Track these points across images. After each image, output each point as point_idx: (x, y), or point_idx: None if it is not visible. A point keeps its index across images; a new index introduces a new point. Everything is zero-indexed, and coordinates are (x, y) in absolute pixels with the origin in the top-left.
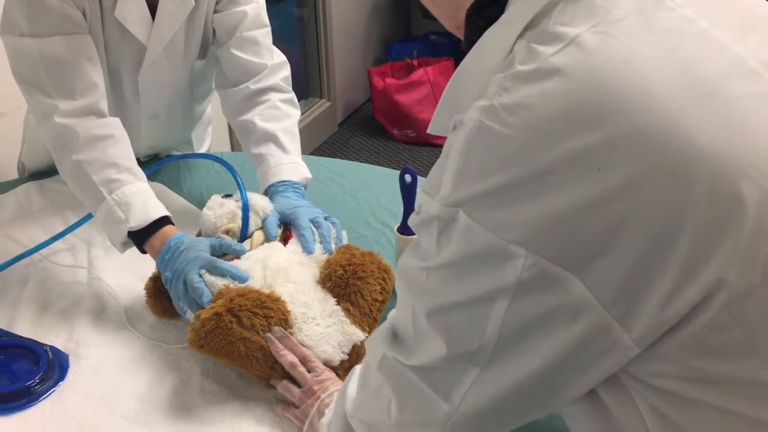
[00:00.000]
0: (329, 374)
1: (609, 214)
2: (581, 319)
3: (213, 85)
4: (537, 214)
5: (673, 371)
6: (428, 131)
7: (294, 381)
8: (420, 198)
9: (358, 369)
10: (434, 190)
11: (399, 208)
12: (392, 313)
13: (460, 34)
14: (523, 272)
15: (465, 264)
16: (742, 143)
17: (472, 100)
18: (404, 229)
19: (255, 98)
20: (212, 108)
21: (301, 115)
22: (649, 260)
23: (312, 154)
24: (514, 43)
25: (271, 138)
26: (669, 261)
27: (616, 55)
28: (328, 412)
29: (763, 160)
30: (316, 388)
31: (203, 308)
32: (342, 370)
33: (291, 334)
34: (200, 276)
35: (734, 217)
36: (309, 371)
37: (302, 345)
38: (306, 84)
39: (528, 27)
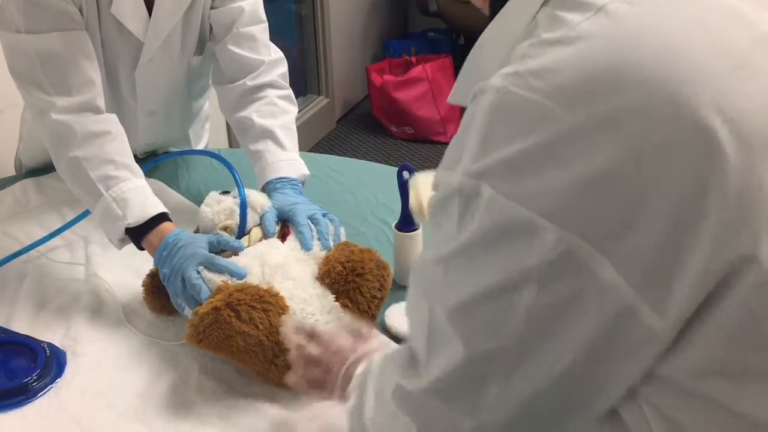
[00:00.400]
0: (340, 341)
1: (635, 183)
2: (611, 305)
3: (210, 82)
4: (562, 181)
5: (694, 366)
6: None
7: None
8: (437, 176)
9: (374, 372)
10: (455, 163)
11: (397, 205)
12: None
13: (486, 8)
14: (550, 250)
15: (488, 243)
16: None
17: (494, 69)
18: (402, 226)
19: (252, 95)
20: (210, 104)
21: (300, 111)
22: (678, 235)
23: (310, 151)
24: (538, 11)
25: (268, 135)
26: (698, 237)
27: (644, 23)
28: (351, 399)
29: None
30: (332, 364)
31: (201, 305)
32: None
33: None
34: (198, 273)
35: (762, 193)
36: (320, 345)
37: None
38: (304, 81)
39: None
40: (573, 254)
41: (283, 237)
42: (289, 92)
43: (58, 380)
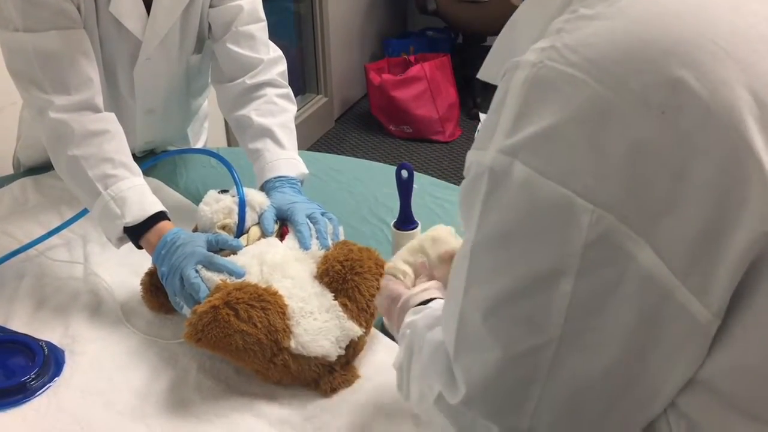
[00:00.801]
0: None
1: (675, 159)
2: (652, 291)
3: (209, 80)
4: (599, 158)
5: (735, 365)
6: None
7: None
8: (469, 157)
9: (421, 356)
10: (487, 142)
11: (396, 204)
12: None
13: None
14: (587, 233)
15: (521, 228)
16: None
17: (528, 45)
18: (401, 225)
19: (251, 93)
20: (208, 103)
21: (298, 110)
22: (720, 215)
23: (309, 149)
24: None
25: (267, 133)
26: (740, 217)
27: (685, 1)
28: (399, 354)
29: None
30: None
31: (200, 303)
32: (339, 365)
33: (289, 327)
34: (197, 272)
35: None
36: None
37: (300, 339)
38: (303, 80)
39: None
40: (610, 237)
41: (281, 236)
42: (288, 91)
43: (56, 379)
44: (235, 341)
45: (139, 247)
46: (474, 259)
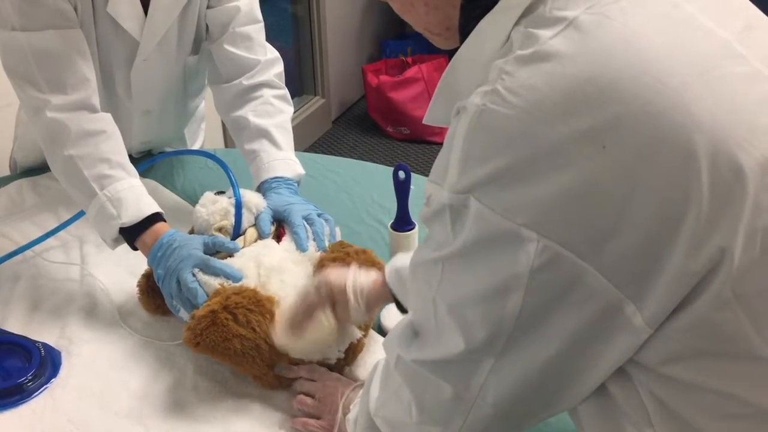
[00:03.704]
0: (334, 383)
1: (616, 191)
2: (596, 302)
3: (206, 82)
4: (544, 194)
5: (676, 354)
6: (424, 121)
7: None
8: (428, 188)
9: (381, 364)
10: (441, 179)
11: (393, 205)
12: (406, 316)
13: (448, 36)
14: (535, 259)
15: (479, 250)
16: (736, 120)
17: (471, 88)
18: (398, 226)
19: (248, 94)
20: (205, 104)
21: (295, 112)
22: (659, 236)
23: (306, 151)
24: (511, 30)
25: (263, 134)
26: (678, 235)
27: (614, 35)
28: (354, 408)
29: (756, 135)
30: (331, 395)
31: (198, 308)
32: (338, 368)
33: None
34: (194, 275)
35: (736, 189)
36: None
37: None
38: (300, 81)
39: (524, 14)
40: (557, 262)
41: (278, 237)
42: (285, 92)
43: (53, 380)
44: (233, 345)
45: (135, 249)
46: (443, 268)
